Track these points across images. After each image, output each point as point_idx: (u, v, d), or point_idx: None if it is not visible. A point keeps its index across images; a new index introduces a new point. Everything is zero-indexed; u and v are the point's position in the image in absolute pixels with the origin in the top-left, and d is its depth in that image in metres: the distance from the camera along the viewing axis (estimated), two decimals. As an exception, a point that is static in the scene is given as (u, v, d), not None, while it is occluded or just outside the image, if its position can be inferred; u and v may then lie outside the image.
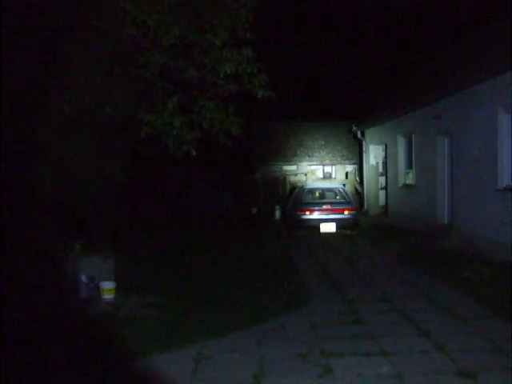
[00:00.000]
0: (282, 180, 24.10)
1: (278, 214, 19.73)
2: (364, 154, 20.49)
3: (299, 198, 14.94)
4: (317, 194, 15.85)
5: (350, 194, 15.34)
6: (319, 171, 25.12)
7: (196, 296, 7.63)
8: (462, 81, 11.79)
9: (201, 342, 5.62)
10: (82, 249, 7.94)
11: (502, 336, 5.58)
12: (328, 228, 13.73)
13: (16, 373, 4.78)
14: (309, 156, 25.39)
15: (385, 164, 18.74)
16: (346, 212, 13.93)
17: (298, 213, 14.09)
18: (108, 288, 7.47)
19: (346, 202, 14.36)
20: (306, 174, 23.88)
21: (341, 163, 25.08)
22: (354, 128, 20.88)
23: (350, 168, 24.67)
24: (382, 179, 19.26)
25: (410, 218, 14.77)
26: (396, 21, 26.61)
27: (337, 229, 13.74)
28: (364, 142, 20.43)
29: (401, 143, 16.25)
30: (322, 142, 25.87)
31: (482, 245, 10.38)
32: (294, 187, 20.34)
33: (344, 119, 25.00)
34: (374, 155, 19.80)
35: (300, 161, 25.22)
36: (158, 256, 10.92)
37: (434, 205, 13.23)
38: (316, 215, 13.90)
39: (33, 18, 5.76)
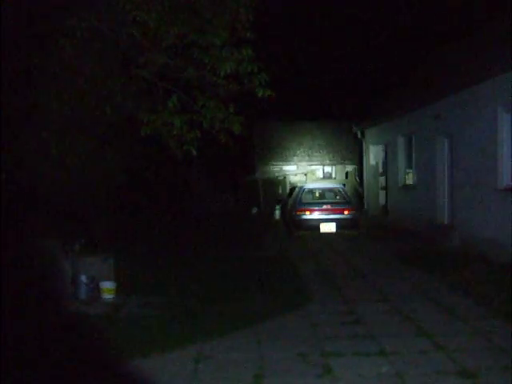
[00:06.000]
0: (282, 180, 24.10)
1: (277, 214, 19.73)
2: (364, 154, 20.48)
3: (299, 198, 14.93)
4: (317, 194, 15.85)
5: (349, 194, 15.35)
6: (319, 171, 25.13)
7: (196, 296, 7.63)
8: (462, 81, 11.79)
9: (201, 342, 5.61)
10: (82, 249, 7.94)
11: (502, 336, 5.58)
12: (328, 228, 13.72)
13: (16, 373, 4.78)
14: (309, 156, 25.41)
15: (385, 164, 18.73)
16: (345, 212, 13.92)
17: (298, 213, 14.09)
18: (108, 288, 7.46)
19: (345, 202, 14.36)
20: (305, 174, 23.90)
21: (341, 163, 25.10)
22: (354, 128, 20.86)
23: (349, 168, 24.68)
24: (382, 179, 19.25)
25: (410, 218, 14.77)
26: (396, 20, 26.59)
27: (337, 229, 13.73)
28: (364, 142, 20.42)
29: (401, 143, 16.25)
30: (322, 142, 25.88)
31: (482, 245, 10.38)
32: (293, 187, 20.33)
33: (344, 119, 24.99)
34: (374, 155, 19.78)
35: (300, 161, 25.23)
36: (158, 256, 10.91)
37: (433, 205, 13.22)
38: (316, 215, 13.90)
39: (33, 17, 5.76)
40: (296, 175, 24.32)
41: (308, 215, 13.94)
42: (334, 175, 25.14)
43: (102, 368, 4.96)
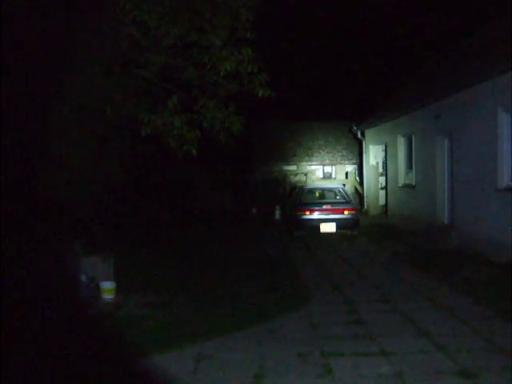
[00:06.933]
0: (282, 180, 24.07)
1: (277, 214, 19.73)
2: (364, 154, 20.50)
3: (299, 197, 14.92)
4: (317, 194, 15.84)
5: (349, 194, 15.33)
6: (319, 171, 25.10)
7: (196, 296, 7.64)
8: (462, 81, 11.79)
9: (201, 342, 5.62)
10: (82, 249, 7.94)
11: (502, 336, 5.58)
12: (328, 228, 13.71)
13: (16, 373, 4.78)
14: (309, 156, 25.38)
15: (385, 164, 18.74)
16: (346, 212, 13.90)
17: (298, 213, 14.07)
18: (108, 288, 7.47)
19: (345, 202, 14.34)
20: (305, 174, 23.87)
21: (341, 163, 25.07)
22: (354, 128, 20.88)
23: (350, 168, 24.65)
24: (382, 179, 19.26)
25: (410, 218, 14.77)
26: (396, 21, 26.59)
27: (337, 229, 13.72)
28: (364, 142, 20.44)
29: (401, 143, 16.25)
30: (322, 142, 25.85)
31: (482, 245, 10.38)
32: (293, 187, 20.33)
33: (344, 119, 24.99)
34: (373, 155, 19.81)
35: (300, 161, 25.20)
36: (158, 256, 10.92)
37: (433, 205, 13.22)
38: (316, 215, 13.88)
39: (33, 18, 5.76)
40: (296, 175, 24.29)
41: (308, 215, 13.92)
42: (333, 175, 25.11)
43: (102, 368, 4.96)
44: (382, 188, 19.38)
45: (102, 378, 4.78)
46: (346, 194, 14.85)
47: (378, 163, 19.77)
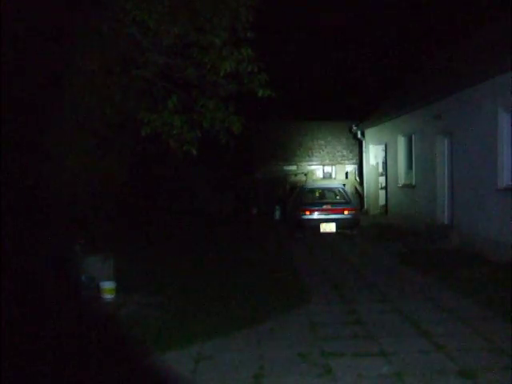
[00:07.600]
0: (282, 180, 24.06)
1: (277, 214, 19.72)
2: (364, 154, 20.50)
3: (299, 197, 14.93)
4: (317, 194, 15.85)
5: (349, 194, 15.33)
6: (319, 171, 25.09)
7: (196, 296, 7.64)
8: (462, 81, 11.79)
9: (201, 342, 5.62)
10: (82, 249, 7.94)
11: (502, 336, 5.58)
12: (328, 228, 13.71)
13: (16, 373, 4.78)
14: (309, 156, 25.37)
15: (385, 164, 18.74)
16: (346, 212, 13.91)
17: (298, 213, 14.08)
18: (108, 288, 7.47)
19: (345, 202, 14.35)
20: (305, 174, 23.86)
21: (341, 163, 25.06)
22: (354, 128, 20.89)
23: (350, 168, 24.64)
24: (382, 179, 19.26)
25: (410, 218, 14.77)
26: (396, 20, 26.62)
27: (337, 229, 13.72)
28: (364, 142, 20.44)
29: (401, 143, 16.25)
30: (322, 142, 25.84)
31: (481, 245, 10.38)
32: (293, 187, 20.32)
33: (344, 119, 24.98)
34: (373, 155, 19.80)
35: (300, 161, 25.19)
36: (158, 256, 10.92)
37: (433, 205, 13.22)
38: (316, 215, 13.88)
39: (33, 17, 5.76)
40: (296, 175, 24.27)
41: (308, 215, 13.92)
42: (334, 175, 25.10)
43: (102, 368, 4.96)
44: (381, 188, 19.37)
45: (102, 378, 4.78)
46: (346, 194, 14.85)
47: (377, 163, 19.76)
